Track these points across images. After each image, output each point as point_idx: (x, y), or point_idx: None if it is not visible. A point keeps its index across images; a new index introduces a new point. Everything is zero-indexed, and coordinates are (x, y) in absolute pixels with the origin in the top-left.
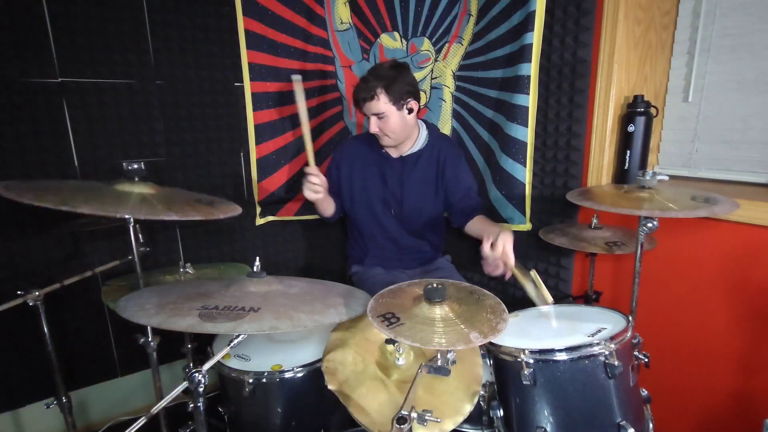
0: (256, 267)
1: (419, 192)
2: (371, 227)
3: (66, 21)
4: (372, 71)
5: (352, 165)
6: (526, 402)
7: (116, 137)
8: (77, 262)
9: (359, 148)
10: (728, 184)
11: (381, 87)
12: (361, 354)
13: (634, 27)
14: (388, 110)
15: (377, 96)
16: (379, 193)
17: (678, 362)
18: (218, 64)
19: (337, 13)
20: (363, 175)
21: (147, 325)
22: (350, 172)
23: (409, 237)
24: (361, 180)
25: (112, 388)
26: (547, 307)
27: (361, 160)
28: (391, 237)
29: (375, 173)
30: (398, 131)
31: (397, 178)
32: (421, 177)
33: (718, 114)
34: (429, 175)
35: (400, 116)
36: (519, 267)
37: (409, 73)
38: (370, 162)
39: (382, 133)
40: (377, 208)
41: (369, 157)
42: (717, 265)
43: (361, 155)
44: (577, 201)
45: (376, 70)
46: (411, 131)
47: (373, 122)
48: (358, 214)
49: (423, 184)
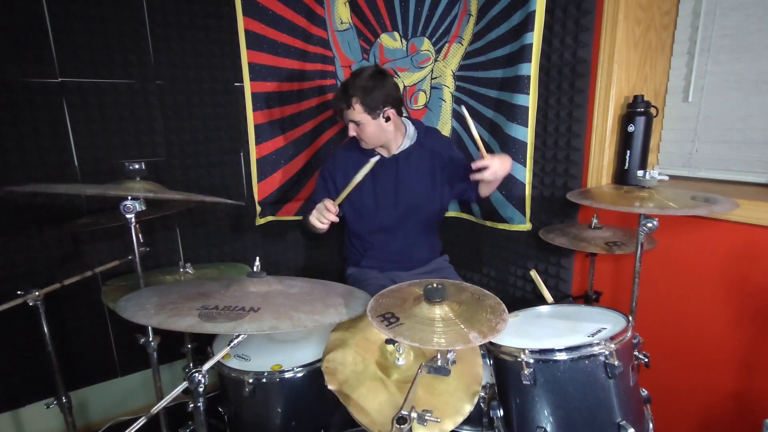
0: (256, 267)
1: (416, 187)
2: (367, 230)
3: (66, 21)
4: (350, 79)
5: (346, 172)
6: (526, 402)
7: (116, 137)
8: (77, 262)
9: (350, 155)
10: (728, 184)
11: (357, 97)
12: (361, 354)
13: (634, 27)
14: (363, 119)
15: (353, 106)
16: (373, 195)
17: (678, 362)
18: (218, 64)
19: (337, 13)
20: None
21: (147, 326)
22: (344, 178)
23: (405, 239)
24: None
25: (112, 388)
26: (548, 307)
27: (354, 167)
28: (388, 239)
29: (368, 176)
30: (373, 138)
31: (392, 178)
32: (416, 172)
33: (718, 114)
34: (424, 168)
35: (375, 124)
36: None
37: (389, 81)
38: (362, 166)
39: (359, 138)
40: (373, 211)
41: (361, 161)
42: (717, 265)
43: (353, 161)
44: (578, 200)
45: (354, 78)
46: (391, 135)
47: (351, 128)
48: (354, 218)
49: (419, 179)
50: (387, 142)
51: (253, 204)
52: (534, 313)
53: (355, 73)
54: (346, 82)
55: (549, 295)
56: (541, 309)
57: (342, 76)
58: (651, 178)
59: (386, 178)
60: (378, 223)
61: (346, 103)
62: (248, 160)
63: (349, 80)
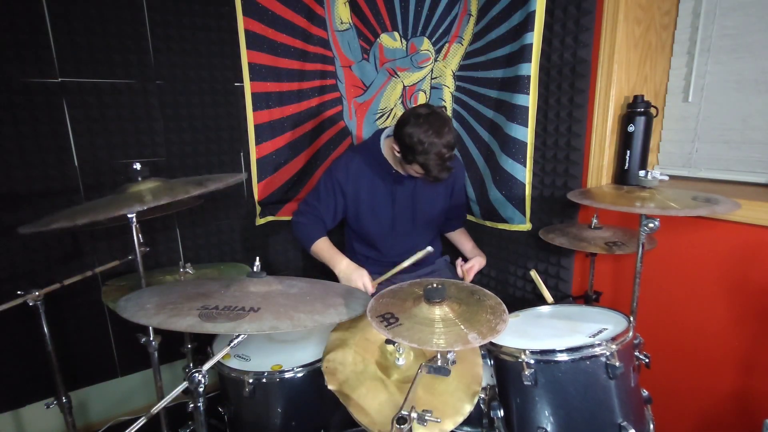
0: (256, 267)
1: (431, 206)
2: (375, 244)
3: (66, 21)
4: (451, 143)
5: (357, 184)
6: (526, 402)
7: (116, 137)
8: (77, 262)
9: (364, 167)
10: (728, 184)
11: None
12: (361, 354)
13: (634, 27)
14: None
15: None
16: (388, 212)
17: (678, 362)
18: (218, 64)
19: (337, 13)
20: (371, 195)
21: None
22: (356, 191)
23: (412, 244)
24: (368, 200)
25: (112, 388)
26: (548, 307)
27: (367, 180)
28: (396, 253)
29: (384, 193)
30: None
31: (409, 196)
32: (434, 194)
33: (718, 114)
34: (440, 188)
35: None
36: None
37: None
38: (379, 183)
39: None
40: (385, 228)
41: (377, 177)
42: (717, 266)
43: (368, 175)
44: (578, 200)
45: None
46: None
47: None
48: (363, 231)
49: (435, 198)
50: None
51: (253, 204)
52: (534, 313)
53: (447, 135)
54: (450, 152)
55: (549, 296)
56: (542, 309)
57: (342, 76)
58: (652, 179)
59: (402, 196)
60: (387, 240)
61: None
62: (248, 160)
63: (451, 147)
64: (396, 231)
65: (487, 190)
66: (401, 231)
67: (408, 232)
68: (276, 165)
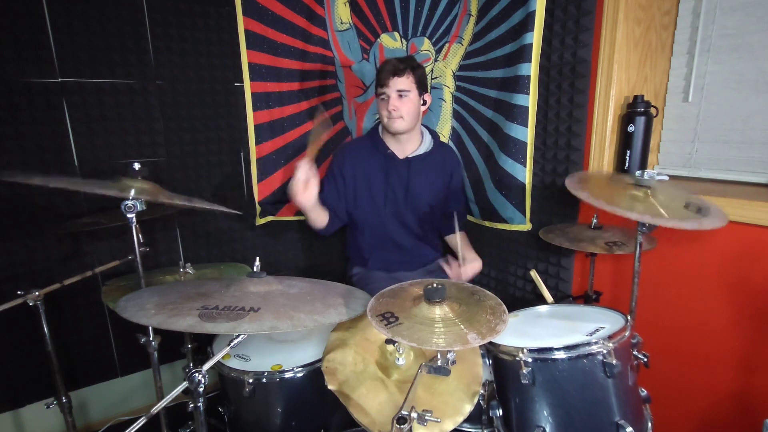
0: (256, 267)
1: (426, 194)
2: (374, 228)
3: (66, 21)
4: (399, 57)
5: (355, 167)
6: (525, 401)
7: (116, 137)
8: (77, 262)
9: (361, 150)
10: (728, 184)
11: (410, 68)
12: (361, 354)
13: (634, 27)
14: (412, 90)
15: (407, 74)
16: (382, 193)
17: (678, 362)
18: (218, 64)
19: (337, 13)
20: (366, 176)
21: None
22: (354, 174)
23: (411, 239)
24: (364, 181)
25: (112, 388)
26: (547, 306)
27: (364, 162)
28: (394, 239)
29: (379, 174)
30: (412, 115)
31: (402, 179)
32: (428, 180)
33: (718, 114)
34: (437, 178)
35: (418, 101)
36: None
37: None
38: (374, 163)
39: (397, 114)
40: (381, 210)
41: (373, 158)
42: (717, 265)
43: (364, 157)
44: (574, 189)
45: (405, 58)
46: (418, 124)
47: (393, 99)
48: (361, 215)
49: (430, 187)
50: (412, 129)
51: (253, 204)
52: (534, 313)
53: (399, 56)
54: (397, 57)
55: (549, 295)
56: (541, 309)
57: (342, 76)
58: (649, 178)
59: (397, 179)
60: (384, 223)
61: (401, 67)
62: (248, 160)
63: (397, 57)
64: (388, 208)
65: (486, 191)
66: (394, 209)
67: (401, 212)
68: (276, 165)
